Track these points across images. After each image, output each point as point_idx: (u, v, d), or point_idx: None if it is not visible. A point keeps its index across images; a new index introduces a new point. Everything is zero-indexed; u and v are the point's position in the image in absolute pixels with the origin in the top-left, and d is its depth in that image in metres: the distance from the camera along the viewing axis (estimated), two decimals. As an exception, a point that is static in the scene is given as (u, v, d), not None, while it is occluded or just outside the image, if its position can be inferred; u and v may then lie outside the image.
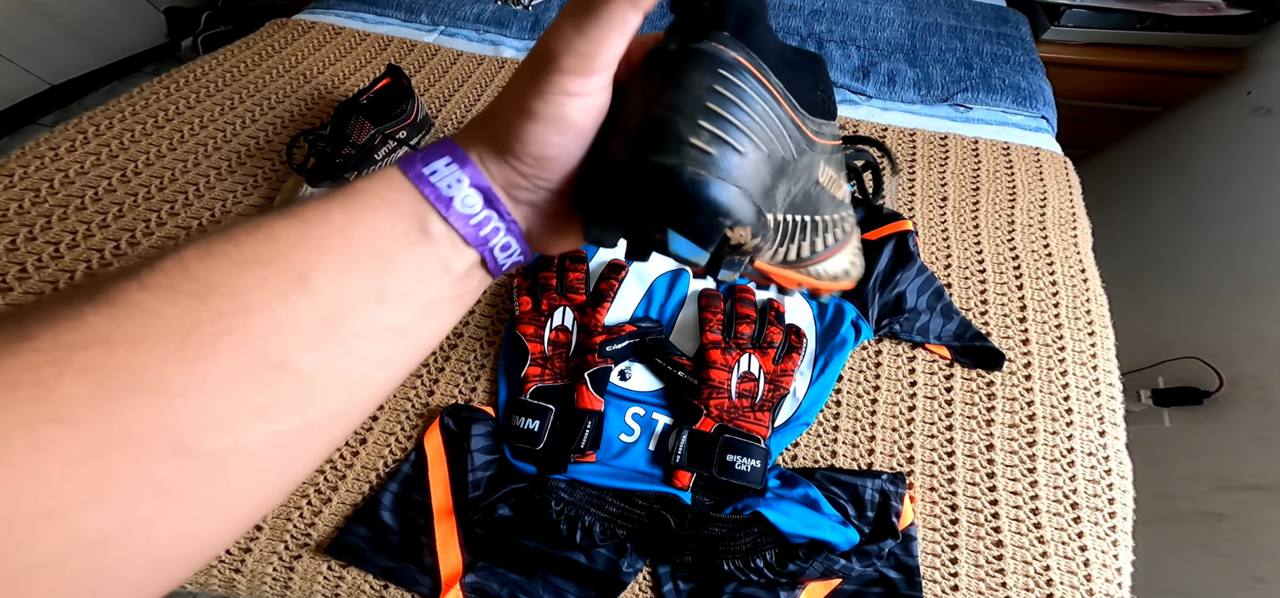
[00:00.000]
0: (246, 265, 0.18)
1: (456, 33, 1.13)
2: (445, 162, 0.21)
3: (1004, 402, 0.63)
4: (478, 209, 0.21)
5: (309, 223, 0.20)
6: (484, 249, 0.22)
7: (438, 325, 0.23)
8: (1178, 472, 1.04)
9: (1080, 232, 0.80)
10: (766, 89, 0.22)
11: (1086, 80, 1.30)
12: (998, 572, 0.54)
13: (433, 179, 0.21)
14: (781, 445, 0.60)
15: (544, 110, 0.21)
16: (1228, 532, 0.94)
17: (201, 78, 0.95)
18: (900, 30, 1.15)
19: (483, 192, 0.22)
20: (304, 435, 0.19)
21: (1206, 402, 1.02)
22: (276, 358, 0.18)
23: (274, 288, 0.18)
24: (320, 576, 0.54)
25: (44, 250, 0.68)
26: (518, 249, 0.23)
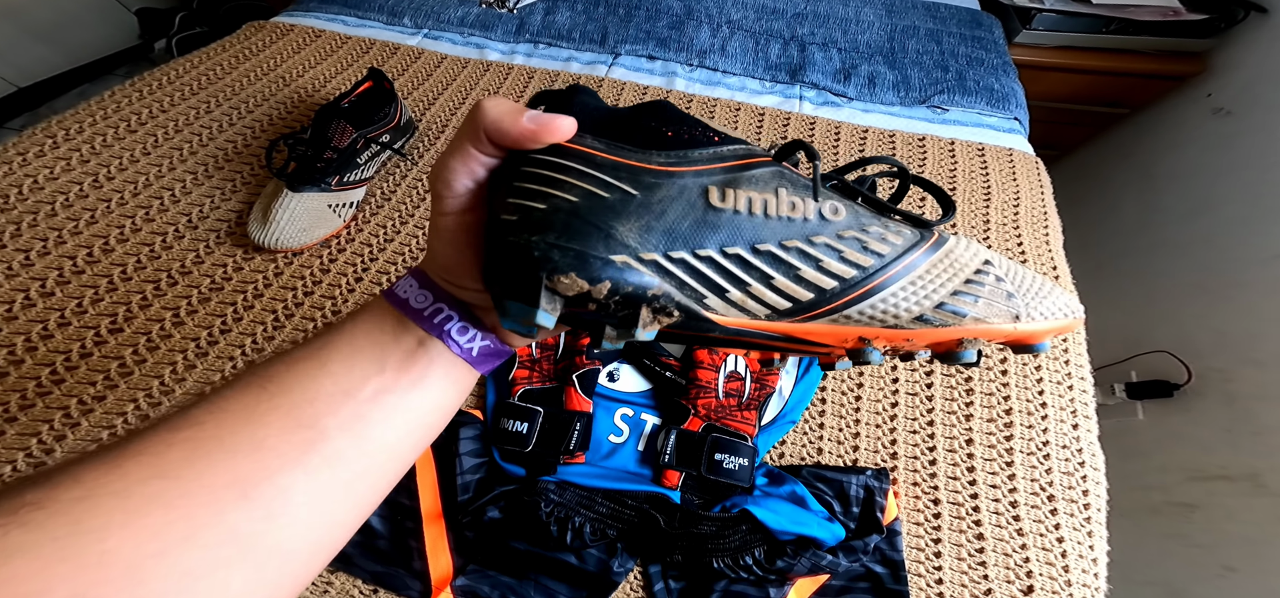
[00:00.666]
0: (292, 362, 0.25)
1: (440, 35, 1.12)
2: (405, 279, 0.28)
3: (982, 397, 0.65)
4: (428, 303, 0.27)
5: (328, 334, 0.27)
6: (441, 334, 0.27)
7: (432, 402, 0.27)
8: (1152, 464, 1.06)
9: (1052, 230, 0.82)
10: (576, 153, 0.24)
11: (1057, 83, 1.34)
12: (980, 564, 0.56)
13: (396, 291, 0.28)
14: (768, 444, 0.60)
15: (432, 224, 0.27)
16: (1199, 522, 0.97)
17: (177, 80, 0.93)
18: (880, 33, 1.17)
19: (429, 288, 0.27)
20: (335, 489, 0.24)
21: (1176, 394, 1.05)
22: (308, 422, 0.24)
23: (305, 372, 0.25)
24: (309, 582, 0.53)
25: (14, 258, 0.67)
26: (479, 334, 0.28)
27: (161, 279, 0.68)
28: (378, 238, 0.76)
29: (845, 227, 0.25)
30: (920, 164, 0.90)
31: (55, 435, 0.56)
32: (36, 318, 0.63)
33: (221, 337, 0.65)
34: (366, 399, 0.25)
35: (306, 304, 0.69)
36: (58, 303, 0.64)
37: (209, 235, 0.74)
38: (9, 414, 0.56)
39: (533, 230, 0.22)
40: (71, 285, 0.66)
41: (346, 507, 0.25)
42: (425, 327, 0.27)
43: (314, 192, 0.73)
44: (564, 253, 0.21)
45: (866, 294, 0.25)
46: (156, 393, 0.59)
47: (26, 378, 0.59)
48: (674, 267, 0.23)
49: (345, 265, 0.73)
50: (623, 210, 0.23)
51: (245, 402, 0.23)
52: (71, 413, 0.57)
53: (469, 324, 0.27)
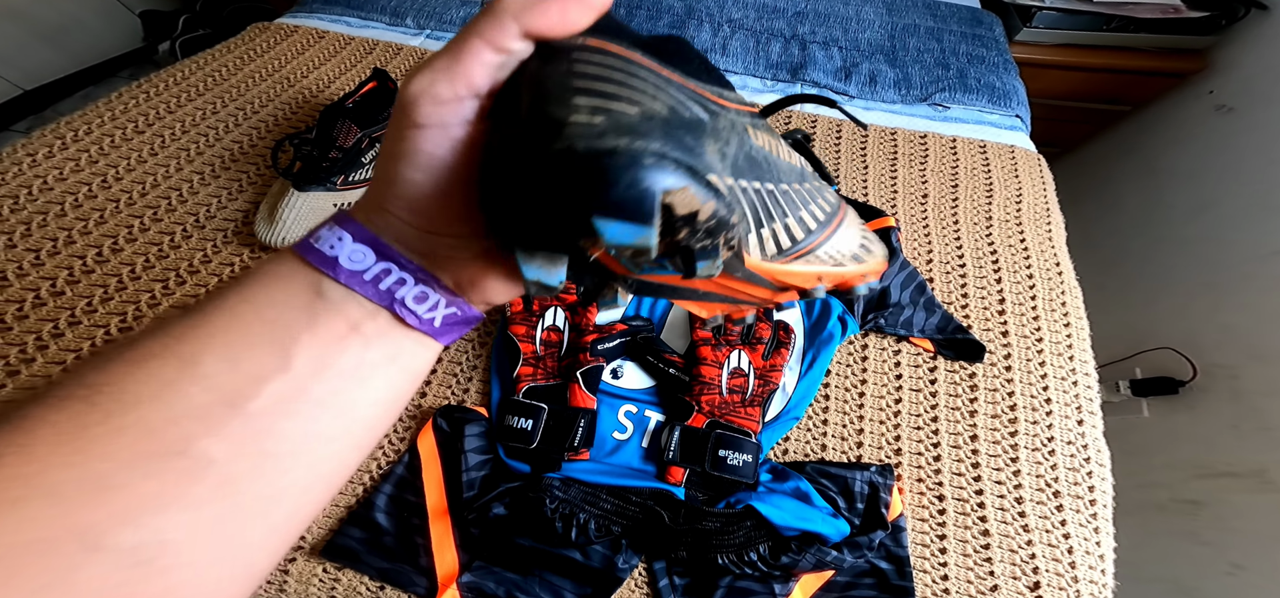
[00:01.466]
0: (136, 362, 0.18)
1: (442, 36, 1.12)
2: (327, 229, 0.21)
3: (986, 393, 0.65)
4: (370, 263, 0.21)
5: (202, 310, 0.20)
6: (391, 303, 0.21)
7: (375, 394, 0.22)
8: (1157, 461, 1.06)
9: (1054, 227, 0.82)
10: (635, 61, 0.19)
11: (1058, 80, 1.34)
12: (985, 561, 0.56)
13: (316, 246, 0.21)
14: (772, 440, 0.61)
15: (399, 148, 0.20)
16: (1207, 519, 0.96)
17: (182, 82, 0.94)
18: (880, 32, 1.17)
19: (370, 244, 0.21)
20: (235, 521, 0.19)
21: (1182, 391, 1.05)
22: (177, 448, 0.18)
23: (164, 379, 0.18)
24: (315, 578, 0.54)
25: (24, 258, 0.67)
26: (440, 299, 0.22)
27: (170, 278, 0.69)
28: (382, 237, 0.77)
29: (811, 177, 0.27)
30: (923, 161, 0.91)
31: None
32: (47, 317, 0.63)
33: (228, 335, 0.65)
34: (263, 410, 0.19)
35: (312, 303, 0.69)
36: (68, 302, 0.65)
37: (216, 235, 0.74)
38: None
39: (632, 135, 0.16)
40: (82, 284, 0.66)
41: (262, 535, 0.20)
42: (370, 295, 0.20)
43: (320, 191, 0.73)
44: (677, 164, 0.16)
45: (829, 237, 0.27)
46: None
47: (38, 376, 0.59)
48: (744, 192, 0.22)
49: (350, 264, 0.73)
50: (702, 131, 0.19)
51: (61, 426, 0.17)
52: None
53: (427, 287, 0.21)
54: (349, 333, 0.20)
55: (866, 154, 0.92)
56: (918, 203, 0.85)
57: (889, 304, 0.68)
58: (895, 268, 0.71)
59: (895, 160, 0.91)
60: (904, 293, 0.70)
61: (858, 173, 0.89)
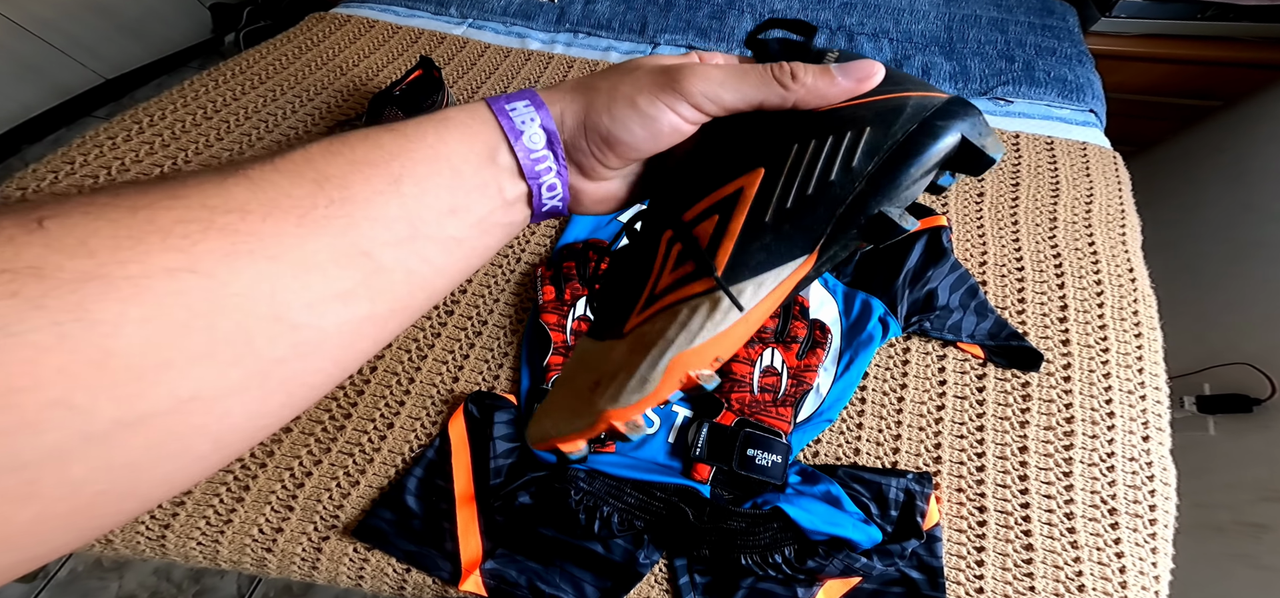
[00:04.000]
0: (357, 165, 0.21)
1: (484, 25, 1.14)
2: (525, 103, 0.25)
3: (1040, 403, 0.61)
4: (539, 148, 0.25)
5: (408, 137, 0.23)
6: (534, 183, 0.25)
7: (486, 246, 0.25)
8: (1220, 481, 0.99)
9: (1129, 230, 0.76)
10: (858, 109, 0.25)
11: (1139, 73, 1.24)
12: (1026, 575, 0.53)
13: (511, 113, 0.24)
14: (803, 441, 0.59)
15: (648, 109, 0.24)
16: (1270, 544, 0.89)
17: (246, 71, 0.98)
18: (936, 23, 1.12)
19: (548, 134, 0.25)
20: (367, 325, 0.21)
21: (1256, 409, 0.97)
22: (366, 247, 0.20)
23: (376, 187, 0.21)
24: (346, 558, 0.55)
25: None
26: (561, 195, 0.26)
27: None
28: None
29: None
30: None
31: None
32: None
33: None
34: (428, 237, 0.22)
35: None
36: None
37: (268, 217, 0.77)
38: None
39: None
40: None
41: (372, 340, 0.22)
42: (526, 170, 0.24)
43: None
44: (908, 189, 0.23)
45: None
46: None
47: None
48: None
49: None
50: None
51: (298, 199, 0.19)
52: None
53: (558, 183, 0.26)
54: (496, 195, 0.24)
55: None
56: (973, 201, 0.80)
57: (936, 307, 0.65)
58: (944, 269, 0.68)
59: (949, 155, 0.86)
60: (954, 296, 0.66)
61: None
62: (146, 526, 0.56)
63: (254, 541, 0.56)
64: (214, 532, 0.56)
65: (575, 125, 0.25)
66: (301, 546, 0.56)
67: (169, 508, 0.56)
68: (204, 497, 0.57)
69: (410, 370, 0.65)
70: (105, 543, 0.56)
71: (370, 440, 0.60)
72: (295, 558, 0.55)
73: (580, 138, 0.25)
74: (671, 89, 0.24)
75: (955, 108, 0.22)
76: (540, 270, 0.69)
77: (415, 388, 0.63)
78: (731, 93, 0.24)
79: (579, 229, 0.74)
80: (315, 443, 0.60)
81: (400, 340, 0.67)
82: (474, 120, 0.24)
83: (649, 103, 0.24)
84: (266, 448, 0.59)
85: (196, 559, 0.56)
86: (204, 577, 1.12)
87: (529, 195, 0.26)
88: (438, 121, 0.24)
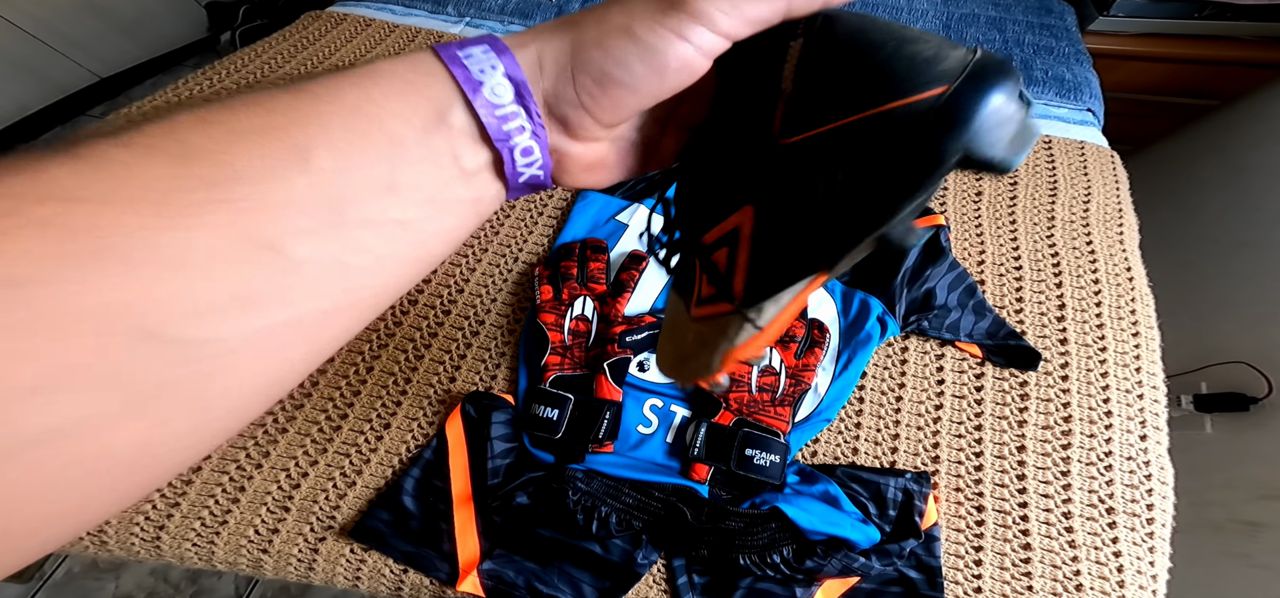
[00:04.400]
0: (243, 135, 0.16)
1: (482, 23, 1.13)
2: (483, 48, 0.20)
3: (1038, 402, 0.61)
4: (506, 101, 0.20)
5: (318, 97, 0.18)
6: (504, 146, 0.20)
7: (445, 229, 0.21)
8: (1216, 480, 0.99)
9: (1127, 228, 0.76)
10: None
11: (1137, 73, 1.24)
12: (1024, 575, 0.53)
13: (465, 61, 0.19)
14: (801, 441, 0.58)
15: (648, 38, 0.19)
16: (1266, 542, 0.90)
17: (241, 69, 0.97)
18: (934, 22, 1.12)
19: (516, 84, 0.20)
20: (291, 333, 0.17)
21: (1253, 408, 0.97)
22: (268, 239, 0.16)
23: (272, 162, 0.16)
24: (343, 558, 0.55)
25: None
26: (540, 159, 0.21)
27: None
28: (420, 222, 0.78)
29: None
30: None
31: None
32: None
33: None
34: (359, 221, 0.18)
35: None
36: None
37: (263, 216, 0.77)
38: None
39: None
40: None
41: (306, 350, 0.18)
42: (492, 131, 0.20)
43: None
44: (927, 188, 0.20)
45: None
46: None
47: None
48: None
49: (388, 248, 0.75)
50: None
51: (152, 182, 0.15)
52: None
53: (535, 145, 0.21)
54: (452, 165, 0.20)
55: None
56: (970, 201, 0.80)
57: (934, 306, 0.65)
58: (943, 268, 0.67)
59: (947, 154, 0.86)
60: (952, 295, 0.66)
61: (906, 167, 0.85)
62: (141, 527, 0.55)
63: (250, 541, 0.55)
64: (209, 533, 0.55)
65: (558, 70, 0.20)
66: (298, 546, 0.55)
67: (164, 509, 0.56)
68: (199, 498, 0.57)
69: (407, 370, 0.64)
70: (100, 544, 0.55)
71: (366, 441, 0.60)
72: (291, 559, 0.55)
73: (566, 85, 0.20)
74: (678, 8, 0.19)
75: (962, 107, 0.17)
76: (538, 270, 0.68)
77: (412, 388, 0.63)
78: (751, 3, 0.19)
79: (577, 228, 0.74)
80: (311, 444, 0.60)
81: (396, 340, 0.66)
82: (413, 73, 0.19)
83: (649, 30, 0.19)
84: (262, 449, 0.59)
85: (192, 561, 0.55)
86: (201, 578, 1.12)
87: (498, 163, 0.21)
88: (360, 77, 0.19)
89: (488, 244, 0.76)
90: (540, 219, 0.78)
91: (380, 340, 0.66)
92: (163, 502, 0.56)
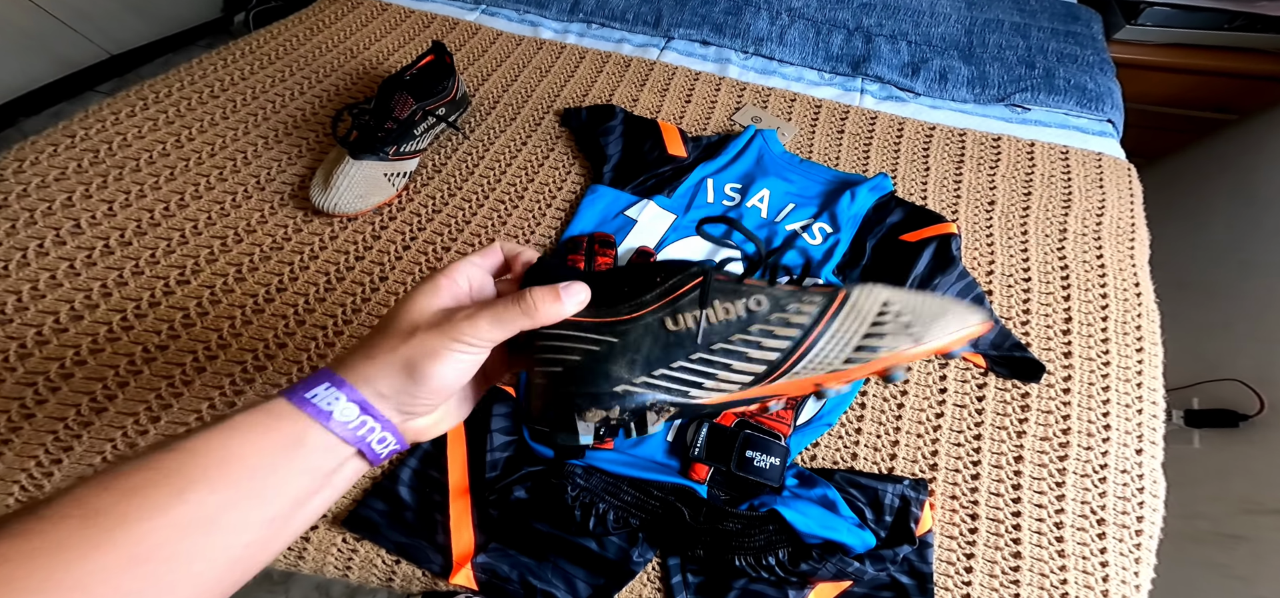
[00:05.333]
0: (132, 492, 0.22)
1: (497, 12, 1.13)
2: (324, 386, 0.27)
3: (1038, 414, 0.61)
4: (353, 417, 0.27)
5: (191, 451, 0.24)
6: (361, 444, 0.28)
7: (311, 512, 0.28)
8: (1202, 493, 1.00)
9: (1138, 243, 0.76)
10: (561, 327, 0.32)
11: (1158, 84, 1.23)
12: (1013, 583, 0.53)
13: (312, 401, 0.27)
14: (801, 444, 0.58)
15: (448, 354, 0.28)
16: (1244, 554, 0.91)
17: (255, 51, 0.97)
18: (956, 26, 1.10)
19: (359, 404, 0.27)
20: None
21: (1243, 425, 0.97)
22: (163, 556, 0.22)
23: (156, 504, 0.22)
24: (334, 547, 0.54)
25: (98, 207, 0.72)
26: (392, 439, 0.29)
27: (228, 236, 0.72)
28: (427, 208, 0.78)
29: (768, 312, 0.32)
30: (993, 165, 0.85)
31: (119, 381, 0.60)
32: (114, 265, 0.67)
33: (277, 295, 0.68)
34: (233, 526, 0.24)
35: (357, 269, 0.71)
36: (133, 252, 0.69)
37: (273, 198, 0.77)
38: (79, 357, 0.61)
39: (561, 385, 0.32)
40: (147, 236, 0.70)
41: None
42: (347, 439, 0.27)
43: (373, 160, 0.75)
44: (583, 396, 0.31)
45: (802, 356, 0.31)
46: (215, 346, 0.63)
47: (100, 322, 0.63)
48: (658, 380, 0.32)
49: (395, 234, 0.75)
50: (612, 356, 0.32)
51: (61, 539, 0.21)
52: (136, 360, 0.61)
53: (388, 433, 0.29)
54: (312, 472, 0.26)
55: (929, 155, 0.86)
56: (983, 210, 0.80)
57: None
58: (952, 277, 0.67)
59: (961, 163, 0.85)
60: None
61: (918, 175, 0.84)
62: None
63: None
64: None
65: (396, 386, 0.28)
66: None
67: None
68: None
69: (410, 358, 0.64)
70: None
71: (368, 426, 0.60)
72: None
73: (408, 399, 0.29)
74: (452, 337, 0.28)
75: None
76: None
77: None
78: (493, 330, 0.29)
79: (585, 222, 0.74)
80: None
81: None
82: (269, 418, 0.26)
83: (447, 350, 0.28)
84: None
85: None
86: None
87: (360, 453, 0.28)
88: (225, 427, 0.25)
89: (495, 234, 0.76)
90: (547, 212, 0.78)
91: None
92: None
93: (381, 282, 0.70)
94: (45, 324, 0.62)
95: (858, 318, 0.32)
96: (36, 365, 0.60)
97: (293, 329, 0.65)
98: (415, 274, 0.71)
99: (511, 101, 0.94)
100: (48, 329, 0.62)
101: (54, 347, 0.61)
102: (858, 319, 0.32)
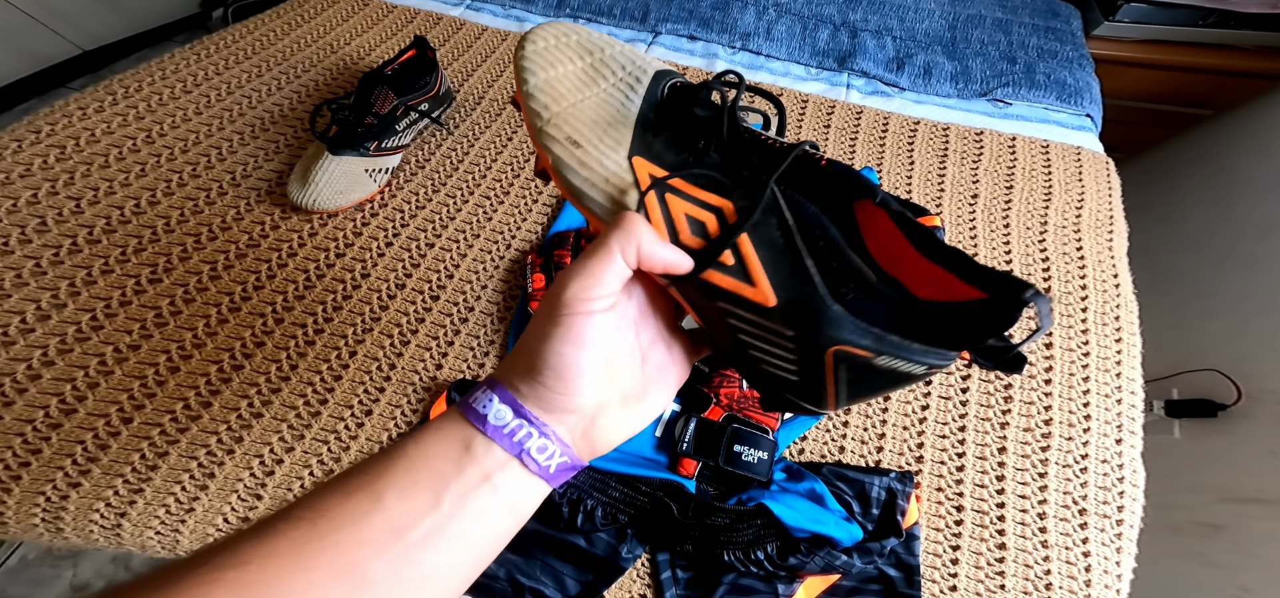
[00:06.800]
0: (345, 494, 0.24)
1: (482, 7, 1.12)
2: (482, 391, 0.27)
3: (1021, 406, 0.61)
4: (508, 419, 0.26)
5: (390, 455, 0.26)
6: (519, 452, 0.26)
7: (489, 532, 0.27)
8: (1181, 483, 1.01)
9: (1116, 236, 0.77)
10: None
11: (1135, 80, 1.25)
12: (998, 574, 0.53)
13: (473, 405, 0.27)
14: (789, 438, 0.58)
15: (555, 329, 0.26)
16: (1223, 543, 0.92)
17: (232, 45, 0.95)
18: (940, 22, 1.11)
19: (510, 404, 0.26)
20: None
21: (1221, 415, 0.99)
22: (357, 567, 0.23)
23: (361, 509, 0.24)
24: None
25: (65, 205, 0.69)
26: (557, 450, 0.27)
27: (202, 234, 0.70)
28: (409, 205, 0.77)
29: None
30: (976, 159, 0.85)
31: (88, 383, 0.58)
32: (82, 264, 0.65)
33: (254, 293, 0.66)
34: (417, 541, 0.24)
35: (337, 265, 0.69)
36: (103, 250, 0.67)
37: (250, 194, 0.75)
38: (46, 358, 0.59)
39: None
40: (118, 233, 0.68)
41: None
42: (504, 445, 0.26)
43: (352, 156, 0.74)
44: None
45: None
46: (189, 346, 0.61)
47: (68, 322, 0.61)
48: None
49: (376, 230, 0.74)
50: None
51: (294, 541, 0.22)
52: (106, 361, 0.60)
53: (547, 439, 0.27)
54: (482, 482, 0.26)
55: (913, 149, 0.87)
56: (966, 203, 0.80)
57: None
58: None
59: (945, 157, 0.86)
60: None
61: (902, 168, 0.85)
62: (101, 513, 0.53)
63: (218, 531, 0.53)
64: (174, 521, 0.53)
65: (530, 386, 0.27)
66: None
67: (126, 495, 0.54)
68: (165, 484, 0.54)
69: (391, 356, 0.63)
70: (56, 532, 0.53)
71: (347, 429, 0.59)
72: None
73: (542, 392, 0.27)
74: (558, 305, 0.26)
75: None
76: (530, 258, 0.67)
77: (396, 374, 0.62)
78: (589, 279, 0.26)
79: (572, 217, 0.73)
80: (288, 430, 0.58)
81: (381, 325, 0.65)
82: (447, 423, 0.27)
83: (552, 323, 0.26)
84: (234, 435, 0.58)
85: (155, 550, 0.53)
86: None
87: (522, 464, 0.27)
88: (415, 434, 0.27)
89: (480, 230, 0.75)
90: (534, 207, 0.77)
91: (364, 325, 0.65)
92: (125, 488, 0.54)
93: (363, 279, 0.69)
94: (11, 325, 0.60)
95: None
96: (1, 368, 0.58)
97: (270, 328, 0.64)
98: (398, 271, 0.70)
99: (496, 97, 0.93)
100: (14, 330, 0.60)
101: (20, 348, 0.59)
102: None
